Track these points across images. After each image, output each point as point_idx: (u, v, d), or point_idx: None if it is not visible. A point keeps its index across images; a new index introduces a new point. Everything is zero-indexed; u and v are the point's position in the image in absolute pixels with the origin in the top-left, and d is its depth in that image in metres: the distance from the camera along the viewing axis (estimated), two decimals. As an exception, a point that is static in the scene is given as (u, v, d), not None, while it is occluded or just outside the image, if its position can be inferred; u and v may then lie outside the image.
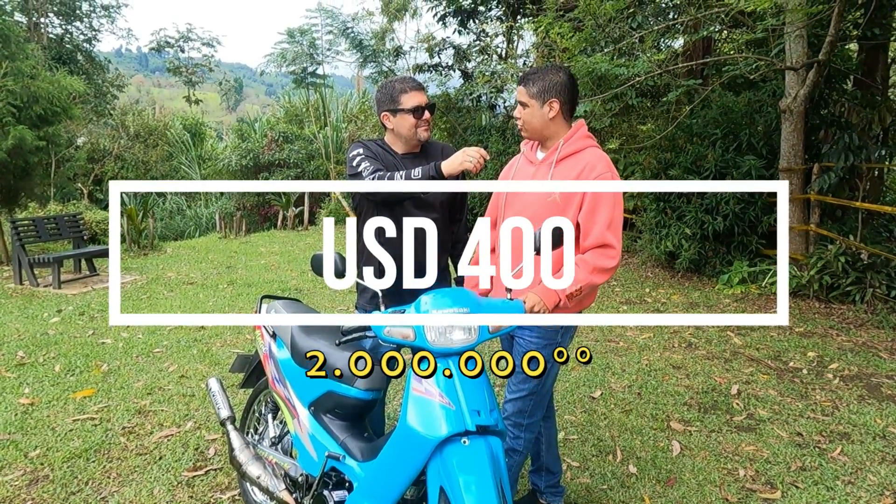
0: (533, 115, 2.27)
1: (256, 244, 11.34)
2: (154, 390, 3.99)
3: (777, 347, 4.95)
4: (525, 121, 2.30)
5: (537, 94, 2.25)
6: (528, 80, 2.27)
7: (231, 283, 7.60)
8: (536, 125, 2.29)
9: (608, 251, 2.18)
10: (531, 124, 2.29)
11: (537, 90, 2.24)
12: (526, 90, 2.27)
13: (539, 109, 2.26)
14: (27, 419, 3.51)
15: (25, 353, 4.73)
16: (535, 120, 2.28)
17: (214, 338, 5.19)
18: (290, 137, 17.95)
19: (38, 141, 7.81)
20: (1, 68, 7.64)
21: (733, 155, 7.43)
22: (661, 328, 5.49)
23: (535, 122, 2.28)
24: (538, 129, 2.30)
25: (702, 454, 3.19)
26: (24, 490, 2.78)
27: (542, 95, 2.24)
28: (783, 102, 6.97)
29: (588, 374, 4.34)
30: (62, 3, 23.43)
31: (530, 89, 2.25)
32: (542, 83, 2.25)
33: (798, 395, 3.98)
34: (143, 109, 25.17)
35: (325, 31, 14.75)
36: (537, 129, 2.30)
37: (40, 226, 7.73)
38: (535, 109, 2.26)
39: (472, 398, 1.81)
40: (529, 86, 2.26)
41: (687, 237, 7.48)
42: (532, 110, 2.26)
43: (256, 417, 2.80)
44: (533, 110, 2.26)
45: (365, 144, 2.49)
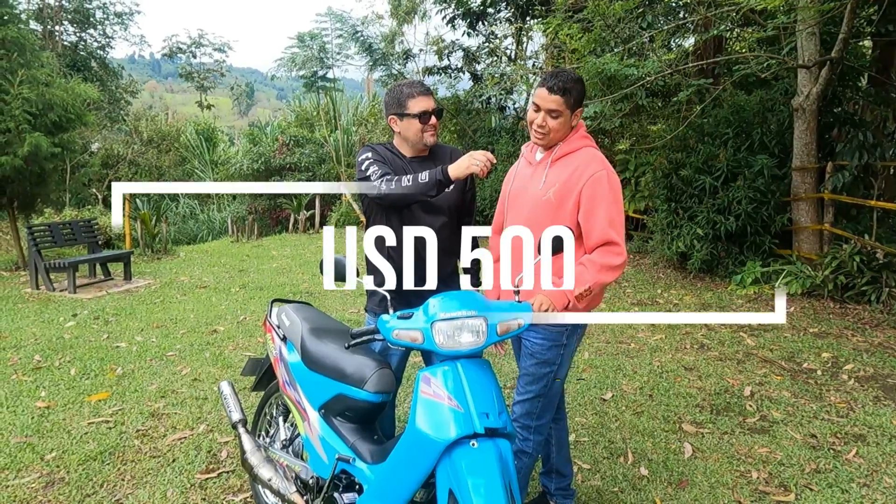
0: (564, 124, 2.23)
1: (268, 248, 11.41)
2: (167, 393, 4.03)
3: (791, 348, 4.91)
4: (554, 129, 2.23)
5: (573, 105, 2.21)
6: (566, 90, 2.18)
7: (243, 287, 7.65)
8: (562, 134, 2.26)
9: (613, 248, 2.17)
10: (559, 133, 2.24)
11: (574, 101, 2.20)
12: (565, 100, 2.18)
13: (569, 120, 2.23)
14: (43, 422, 3.56)
15: (42, 356, 4.79)
16: (563, 129, 2.24)
17: (227, 341, 5.23)
18: (301, 141, 18.05)
19: (53, 147, 7.90)
20: (17, 76, 7.75)
21: (745, 154, 7.37)
22: (672, 329, 5.46)
23: (562, 130, 2.24)
24: (560, 136, 2.27)
25: (714, 456, 3.17)
26: (41, 492, 2.82)
27: (575, 106, 2.22)
28: (796, 101, 6.92)
29: (599, 376, 4.32)
30: (76, 11, 23.75)
31: (569, 100, 2.19)
32: (577, 93, 2.21)
33: (812, 397, 3.94)
34: (156, 115, 25.44)
35: (335, 35, 14.84)
36: (559, 138, 2.27)
37: (55, 231, 7.84)
38: (566, 119, 2.22)
39: (480, 400, 1.82)
40: (568, 97, 2.18)
41: (699, 237, 7.42)
42: (564, 120, 2.22)
43: (268, 420, 2.82)
44: (565, 120, 2.22)
45: (374, 148, 2.51)
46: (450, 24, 13.69)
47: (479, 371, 1.90)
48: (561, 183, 2.22)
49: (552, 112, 2.20)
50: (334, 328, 2.50)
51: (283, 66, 15.32)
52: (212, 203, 19.85)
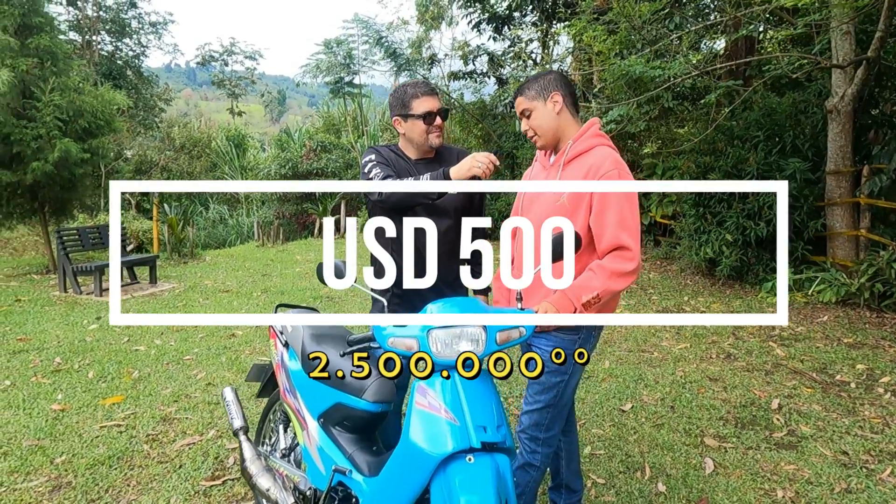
0: (541, 115, 2.20)
1: (292, 252, 11.48)
2: (181, 398, 4.03)
3: (823, 359, 4.69)
4: (535, 126, 2.22)
5: (537, 95, 2.19)
6: (522, 89, 2.24)
7: (265, 291, 7.68)
8: (547, 125, 2.20)
9: (624, 253, 2.05)
10: (542, 127, 2.21)
11: (535, 91, 2.20)
12: (525, 97, 2.22)
13: (544, 107, 2.19)
14: (57, 425, 3.58)
15: (62, 359, 4.85)
16: (545, 120, 2.20)
17: (244, 346, 5.23)
18: (328, 147, 18.19)
19: (82, 153, 8.08)
20: (48, 84, 7.94)
21: (776, 158, 7.13)
22: (698, 338, 5.27)
23: (545, 122, 2.20)
24: (551, 128, 2.21)
25: (737, 473, 3.02)
26: (47, 497, 2.82)
27: (541, 94, 2.19)
28: (830, 102, 6.67)
29: (619, 386, 4.18)
30: (113, 21, 24.41)
31: (529, 93, 2.21)
32: (537, 85, 2.20)
33: (845, 411, 3.74)
34: (188, 122, 25.93)
35: (361, 42, 14.91)
36: (550, 130, 2.21)
37: (83, 235, 7.99)
38: (540, 110, 2.20)
39: (478, 413, 1.73)
40: (527, 91, 2.21)
41: (728, 243, 7.20)
42: (538, 112, 2.20)
43: (271, 428, 2.77)
44: (539, 111, 2.20)
45: (378, 150, 2.45)
46: (475, 29, 13.65)
47: (477, 382, 1.81)
48: None
49: (524, 113, 2.23)
50: (336, 335, 2.43)
51: (308, 72, 15.46)
52: (241, 208, 20.14)
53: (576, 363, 2.20)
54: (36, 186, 8.16)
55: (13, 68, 7.64)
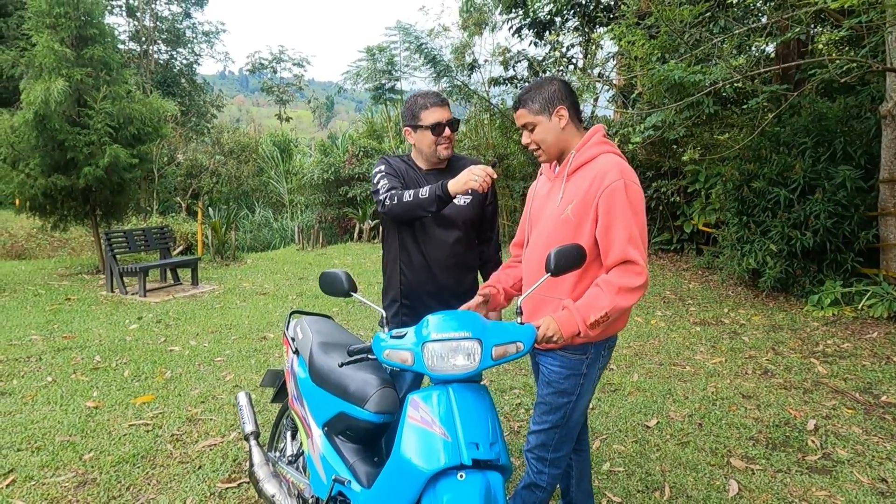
0: (545, 130, 2.11)
1: (331, 256, 11.64)
2: (208, 399, 4.13)
3: (868, 378, 4.45)
4: (538, 141, 2.13)
5: (541, 109, 2.10)
6: (524, 100, 2.12)
7: (300, 295, 7.81)
8: (552, 141, 2.13)
9: (632, 268, 1.96)
10: (546, 142, 2.13)
11: (540, 105, 2.10)
12: (527, 110, 2.11)
13: (548, 122, 2.10)
14: (89, 422, 3.72)
15: (102, 357, 5.04)
16: (549, 135, 2.12)
17: (274, 349, 5.32)
18: (370, 152, 18.41)
19: (131, 158, 8.41)
20: (101, 92, 8.30)
21: (825, 165, 6.81)
22: (734, 353, 5.09)
23: (549, 138, 2.12)
24: (554, 144, 2.13)
25: (763, 497, 2.88)
26: (72, 492, 2.92)
27: (546, 108, 2.10)
28: (884, 107, 6.35)
29: (646, 400, 4.07)
30: (168, 31, 25.39)
31: (532, 107, 2.11)
32: (541, 97, 2.10)
33: (887, 435, 3.53)
34: (237, 128, 26.70)
35: (402, 48, 15.04)
36: (554, 146, 2.14)
37: (130, 238, 8.31)
38: (545, 125, 2.11)
39: (471, 429, 1.70)
40: (529, 104, 2.11)
41: (772, 254, 6.92)
42: (543, 126, 2.11)
43: (282, 433, 2.80)
44: (544, 126, 2.11)
45: (388, 161, 2.45)
46: (516, 34, 13.58)
47: (472, 397, 1.78)
48: (579, 199, 2.05)
49: (526, 126, 2.13)
50: (345, 343, 2.44)
51: (349, 78, 15.69)
52: (286, 212, 20.59)
53: (584, 384, 2.14)
54: (87, 190, 8.52)
55: (69, 78, 8.01)
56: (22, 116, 7.95)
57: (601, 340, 2.13)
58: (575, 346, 2.08)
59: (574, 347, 2.08)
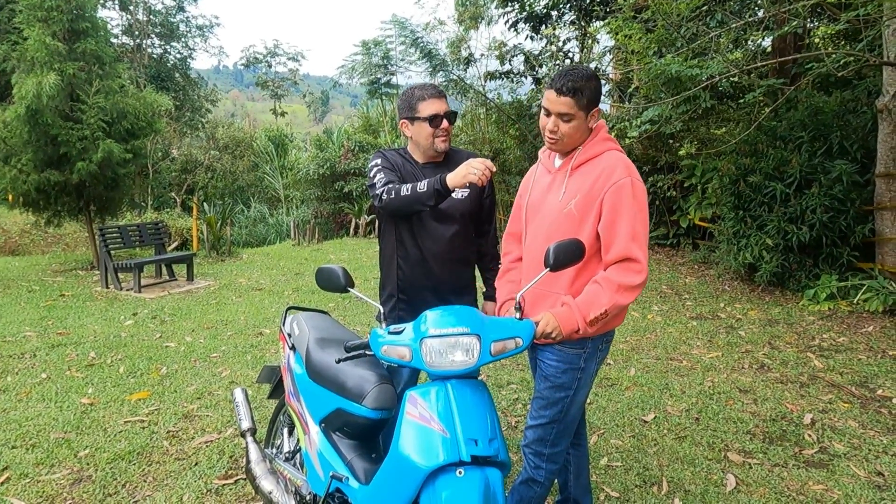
0: (578, 128, 2.04)
1: (327, 251, 11.61)
2: (204, 395, 4.10)
3: (865, 372, 4.46)
4: (566, 134, 2.04)
5: (586, 106, 2.00)
6: (576, 90, 1.97)
7: (296, 290, 7.78)
8: (578, 138, 2.07)
9: (633, 266, 1.96)
10: (573, 138, 2.06)
11: (587, 101, 2.00)
12: (576, 102, 1.98)
13: (584, 122, 2.04)
14: (84, 419, 3.69)
15: (97, 353, 5.01)
16: (578, 132, 2.05)
17: (270, 345, 5.30)
18: (366, 147, 18.34)
19: (124, 154, 8.35)
20: (93, 87, 8.23)
21: (821, 159, 6.81)
22: (731, 347, 5.09)
23: (577, 134, 2.05)
24: (577, 141, 2.09)
25: (760, 491, 2.88)
26: (67, 489, 2.90)
27: (589, 106, 2.02)
28: (880, 101, 6.35)
29: (643, 395, 4.07)
30: (162, 25, 25.22)
31: (580, 101, 1.98)
32: (589, 92, 1.99)
33: (883, 429, 3.54)
34: (231, 122, 26.57)
35: (398, 42, 14.97)
36: (575, 142, 2.09)
37: (124, 233, 8.26)
38: (580, 122, 2.03)
39: (469, 426, 1.69)
40: (580, 97, 1.98)
41: (768, 248, 6.93)
42: (578, 123, 2.03)
43: (279, 429, 2.79)
44: (579, 123, 2.03)
45: (384, 154, 2.43)
46: (512, 28, 13.53)
47: (471, 393, 1.77)
48: (583, 194, 2.03)
49: (563, 115, 2.01)
50: (342, 339, 2.42)
51: (344, 73, 15.62)
52: (281, 207, 20.51)
53: (581, 378, 2.13)
54: (81, 186, 8.47)
55: (61, 72, 7.94)
56: (14, 111, 7.88)
57: (599, 335, 2.12)
58: (573, 341, 2.07)
59: (572, 342, 2.07)
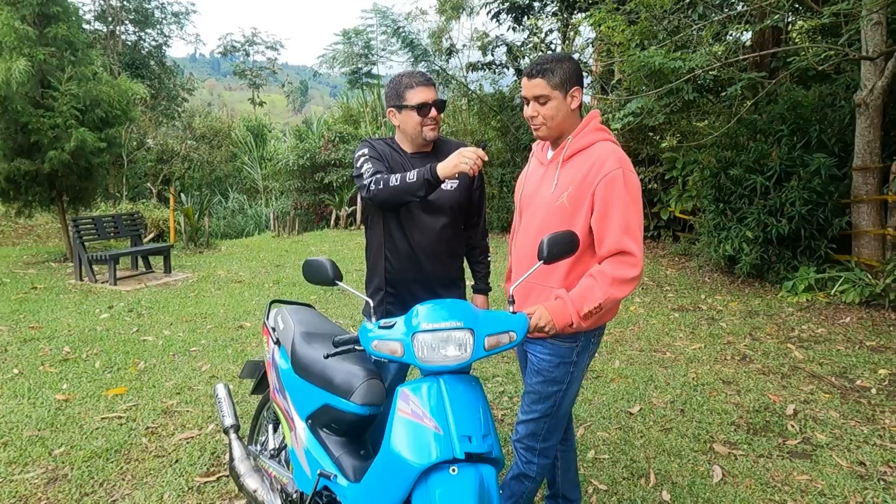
0: (557, 108, 2.03)
1: (307, 243, 11.48)
2: (183, 390, 4.01)
3: (844, 363, 4.52)
4: (547, 117, 2.04)
5: (560, 84, 2.00)
6: (545, 70, 1.99)
7: (277, 282, 7.67)
8: (560, 120, 2.05)
9: (627, 259, 1.92)
10: (555, 120, 2.04)
11: (560, 80, 1.99)
12: (547, 81, 1.99)
13: (563, 101, 2.02)
14: (59, 416, 3.58)
15: (71, 348, 4.87)
16: (560, 114, 2.04)
17: (251, 338, 5.21)
18: (346, 138, 18.15)
19: (99, 143, 8.13)
20: (66, 73, 7.99)
21: (801, 153, 6.89)
22: (713, 338, 5.13)
23: (559, 116, 2.04)
24: (560, 124, 2.06)
25: (746, 482, 2.90)
26: (42, 489, 2.81)
27: (565, 85, 2.01)
28: (858, 95, 6.42)
29: (628, 387, 4.07)
30: (136, 11, 24.62)
31: (552, 80, 1.99)
32: (562, 72, 2.00)
33: (864, 419, 3.59)
34: (209, 112, 26.11)
35: (379, 32, 14.82)
36: (559, 126, 2.06)
37: (99, 224, 8.06)
38: (558, 102, 2.02)
39: (463, 422, 1.65)
40: (550, 76, 1.98)
41: (748, 240, 7.00)
42: (556, 103, 2.02)
43: (263, 426, 2.72)
44: (557, 103, 2.02)
45: (371, 144, 2.36)
46: (494, 19, 13.47)
47: (464, 389, 1.73)
48: (575, 185, 2.00)
49: (539, 98, 2.01)
50: (329, 333, 2.36)
51: (325, 62, 15.42)
52: (260, 198, 20.25)
53: (574, 372, 2.11)
54: (53, 175, 8.23)
55: (31, 58, 7.69)
56: (-19, 98, 7.63)
57: (591, 329, 2.09)
58: (566, 335, 2.04)
59: (565, 336, 2.04)
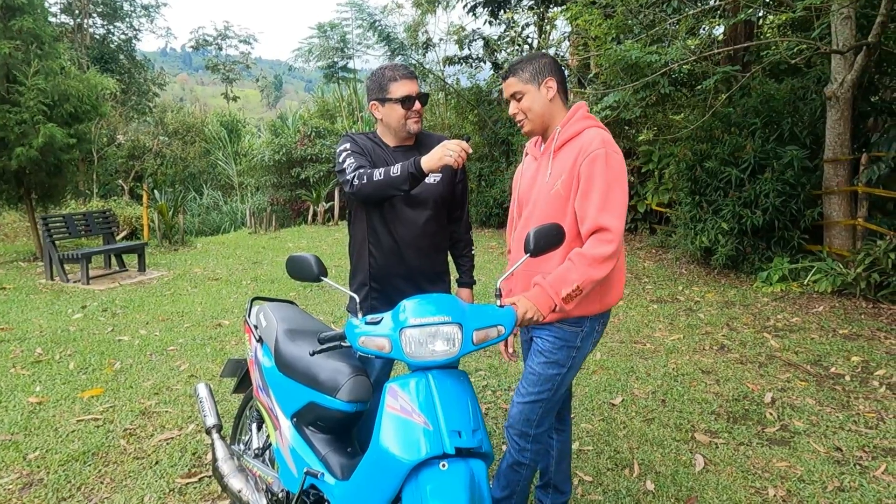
0: (533, 100, 2.10)
1: (285, 239, 11.36)
2: (162, 390, 3.94)
3: (818, 351, 4.62)
4: (525, 109, 2.11)
5: (531, 78, 2.10)
6: (514, 69, 2.12)
7: (255, 280, 7.58)
8: (538, 110, 2.11)
9: (604, 235, 1.93)
10: (534, 111, 2.11)
11: (530, 74, 2.10)
12: (517, 78, 2.11)
13: (537, 92, 2.10)
14: (33, 419, 3.49)
15: (44, 349, 4.75)
16: (537, 105, 2.10)
17: (230, 336, 5.14)
18: (322, 132, 17.98)
19: (68, 139, 7.93)
20: (32, 67, 7.77)
21: (774, 145, 7.01)
22: (691, 329, 5.20)
23: (536, 107, 2.10)
24: (541, 115, 2.11)
25: (728, 470, 2.94)
26: (17, 495, 2.73)
27: (536, 78, 2.09)
28: (829, 89, 6.55)
29: (610, 379, 4.11)
30: (104, 4, 24.03)
31: (522, 76, 2.10)
32: (531, 67, 2.11)
33: (839, 405, 3.67)
34: (181, 107, 25.65)
35: (355, 25, 14.69)
36: (540, 117, 2.12)
37: (70, 222, 7.86)
38: (533, 94, 2.10)
39: (452, 417, 1.64)
40: (520, 73, 2.11)
41: (724, 232, 7.10)
42: (531, 95, 2.10)
43: (246, 425, 2.68)
44: (531, 95, 2.10)
45: (353, 139, 2.33)
46: (471, 13, 13.45)
47: (452, 384, 1.72)
48: (567, 172, 2.04)
49: (515, 95, 2.12)
50: (312, 330, 2.33)
51: (300, 56, 15.24)
52: (235, 194, 19.98)
53: (575, 357, 2.12)
54: (21, 172, 8.01)
55: (-5, 51, 7.46)
56: (-56, 92, 7.38)
57: (596, 315, 2.12)
58: (571, 319, 2.07)
59: (570, 320, 2.08)
